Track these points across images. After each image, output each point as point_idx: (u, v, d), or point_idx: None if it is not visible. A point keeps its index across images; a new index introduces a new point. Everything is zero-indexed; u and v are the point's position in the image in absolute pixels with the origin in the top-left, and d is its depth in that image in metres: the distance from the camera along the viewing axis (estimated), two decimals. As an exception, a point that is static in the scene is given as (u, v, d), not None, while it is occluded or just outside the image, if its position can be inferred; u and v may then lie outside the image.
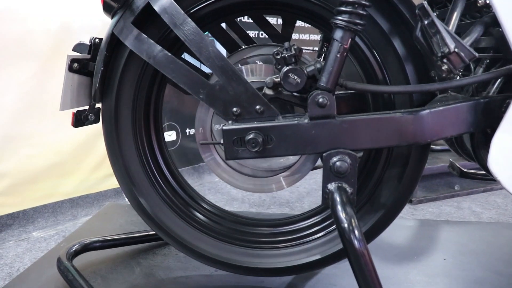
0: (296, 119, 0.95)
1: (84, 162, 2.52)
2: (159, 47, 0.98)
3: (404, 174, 1.10)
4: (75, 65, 1.11)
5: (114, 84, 1.11)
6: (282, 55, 0.96)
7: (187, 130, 3.02)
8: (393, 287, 1.33)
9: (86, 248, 1.41)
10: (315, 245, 1.19)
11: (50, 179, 2.38)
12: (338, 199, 0.92)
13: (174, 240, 1.19)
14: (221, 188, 3.03)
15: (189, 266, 1.44)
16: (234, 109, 0.97)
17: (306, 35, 3.98)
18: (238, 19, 1.33)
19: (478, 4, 0.93)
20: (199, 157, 3.18)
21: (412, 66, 1.02)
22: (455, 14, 0.89)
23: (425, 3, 0.80)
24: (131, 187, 1.17)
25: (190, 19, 0.96)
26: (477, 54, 0.82)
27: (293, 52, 0.95)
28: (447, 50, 0.79)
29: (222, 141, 0.97)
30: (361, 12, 0.87)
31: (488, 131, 1.01)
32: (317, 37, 3.73)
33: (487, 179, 1.35)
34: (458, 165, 1.46)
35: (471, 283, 1.39)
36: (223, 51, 1.20)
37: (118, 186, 1.22)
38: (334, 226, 1.17)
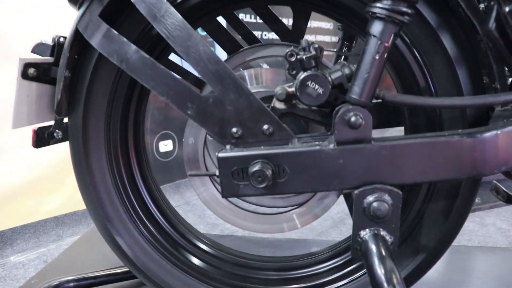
0: (317, 143, 0.71)
1: (70, 176, 2.27)
2: (133, 47, 0.74)
3: (452, 208, 0.86)
4: (32, 70, 0.87)
5: (82, 94, 0.87)
6: (298, 56, 0.72)
7: (185, 139, 2.79)
8: None
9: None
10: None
11: (31, 196, 2.14)
12: (374, 251, 0.67)
13: None
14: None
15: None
16: (234, 129, 0.72)
17: (327, 37, 3.21)
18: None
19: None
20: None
21: (466, 71, 0.78)
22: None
23: (508, -19, 0.56)
24: (104, 222, 0.93)
25: (174, 9, 0.72)
26: None
27: (313, 52, 0.70)
28: (540, 48, 0.55)
29: (217, 172, 0.73)
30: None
31: None
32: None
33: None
34: (504, 189, 1.22)
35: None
36: (222, 54, 0.96)
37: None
38: (362, 273, 0.93)
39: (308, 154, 0.69)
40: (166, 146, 2.66)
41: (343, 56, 1.13)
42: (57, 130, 0.94)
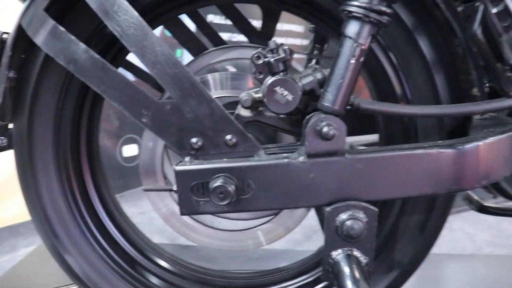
0: (285, 155, 0.64)
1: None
2: (82, 46, 0.65)
3: (428, 221, 0.81)
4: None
5: (27, 97, 0.78)
6: (266, 59, 0.65)
7: (151, 143, 2.69)
8: None
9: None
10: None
11: (-19, 204, 2.00)
12: (348, 274, 0.61)
13: None
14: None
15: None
16: (194, 140, 0.65)
17: (297, 40, 2.95)
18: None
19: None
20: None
21: (444, 77, 0.74)
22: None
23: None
24: (52, 240, 0.84)
25: (128, 4, 0.64)
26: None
27: (282, 55, 0.64)
28: (528, 55, 0.50)
29: (174, 187, 0.65)
30: (390, -3, 0.57)
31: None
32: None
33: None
34: (476, 199, 1.19)
35: None
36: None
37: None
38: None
39: (275, 168, 0.62)
40: (130, 150, 2.56)
41: (314, 59, 1.07)
42: (1, 137, 0.85)
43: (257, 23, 1.04)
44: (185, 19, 0.99)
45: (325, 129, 0.60)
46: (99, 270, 0.87)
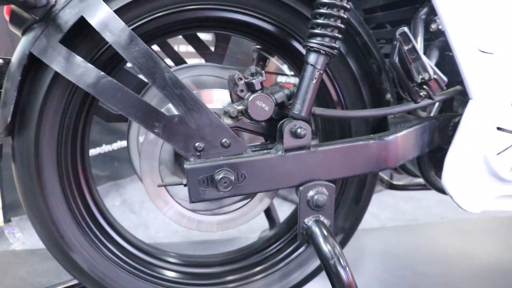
0: (267, 151, 0.87)
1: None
2: (101, 73, 0.81)
3: (361, 196, 1.09)
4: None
5: (33, 113, 0.89)
6: (247, 80, 0.87)
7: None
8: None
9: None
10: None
11: None
12: (318, 233, 0.85)
13: None
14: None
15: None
16: (197, 144, 0.84)
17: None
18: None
19: (431, 29, 0.95)
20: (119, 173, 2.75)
21: (367, 87, 1.02)
22: (419, 39, 0.89)
23: (406, 29, 0.78)
24: (59, 241, 0.96)
25: (139, 39, 0.81)
26: (446, 80, 0.83)
27: (261, 78, 0.86)
28: (428, 76, 0.78)
29: (184, 182, 0.84)
30: (337, 35, 0.82)
31: (437, 151, 1.04)
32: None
33: (416, 189, 1.42)
34: (386, 179, 1.51)
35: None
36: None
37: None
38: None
39: (261, 161, 0.85)
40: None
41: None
42: None
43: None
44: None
45: (298, 130, 0.83)
46: (99, 263, 1.01)
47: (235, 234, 2.05)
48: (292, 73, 1.76)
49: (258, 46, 1.27)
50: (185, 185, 0.84)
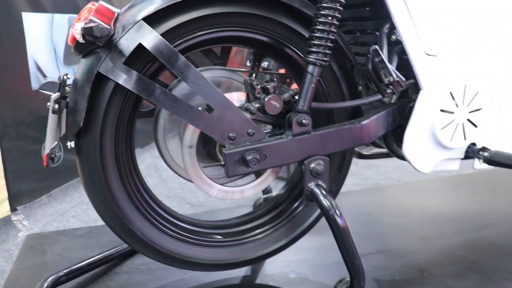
0: (280, 137, 1.19)
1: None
2: (158, 86, 1.09)
3: (343, 165, 1.43)
4: (56, 106, 1.13)
5: (99, 119, 1.14)
6: (262, 85, 1.17)
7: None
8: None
9: (55, 283, 1.40)
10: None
11: None
12: (319, 193, 1.19)
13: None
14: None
15: (157, 277, 1.55)
16: (230, 134, 1.15)
17: None
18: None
19: (392, 39, 1.28)
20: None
21: (346, 84, 1.35)
22: (384, 49, 1.23)
23: (377, 47, 1.12)
24: (123, 219, 1.22)
25: (185, 59, 1.09)
26: (404, 79, 1.17)
27: (274, 83, 1.17)
28: (392, 79, 1.12)
29: (223, 162, 1.15)
30: (328, 51, 1.14)
31: (398, 128, 1.39)
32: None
33: (380, 158, 1.78)
34: (356, 150, 1.87)
35: (378, 237, 1.84)
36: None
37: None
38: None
39: (279, 145, 1.17)
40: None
41: (254, 74, 1.61)
42: (56, 151, 1.21)
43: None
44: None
45: (303, 121, 1.16)
46: (150, 231, 1.29)
47: (222, 205, 2.37)
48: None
49: (253, 51, 1.57)
50: (222, 165, 1.15)
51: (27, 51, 2.42)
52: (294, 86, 1.63)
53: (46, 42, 2.60)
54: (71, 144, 2.69)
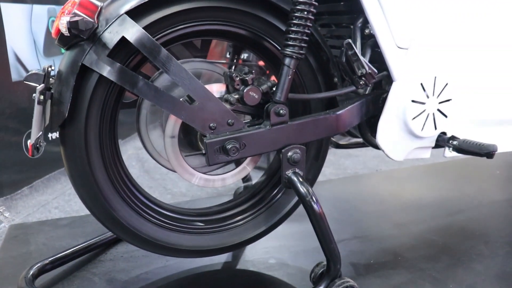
0: (258, 126, 1.23)
1: None
2: (140, 77, 1.12)
3: (319, 154, 1.49)
4: (41, 97, 1.16)
5: (83, 109, 1.17)
6: (241, 77, 1.22)
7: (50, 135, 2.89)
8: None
9: (41, 271, 1.43)
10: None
11: None
12: (296, 180, 1.25)
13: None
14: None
15: (141, 264, 1.60)
16: (211, 124, 1.19)
17: None
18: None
19: (365, 33, 1.34)
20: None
21: (322, 76, 1.40)
22: (358, 43, 1.29)
23: (350, 41, 1.17)
24: (106, 206, 1.25)
25: (167, 51, 1.13)
26: (377, 71, 1.23)
27: (252, 75, 1.22)
28: (365, 71, 1.18)
29: (203, 151, 1.19)
30: (304, 45, 1.19)
31: (372, 118, 1.46)
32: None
33: (356, 147, 1.85)
34: (334, 139, 1.94)
35: (355, 223, 1.91)
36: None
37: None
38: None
39: (257, 134, 1.22)
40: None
41: (233, 65, 1.65)
42: (41, 141, 1.23)
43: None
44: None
45: (281, 111, 1.21)
46: (134, 219, 1.33)
47: (202, 194, 2.42)
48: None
49: (233, 44, 1.61)
50: (204, 154, 1.19)
51: (6, 42, 2.41)
52: (274, 78, 1.68)
53: (25, 33, 2.59)
54: (52, 135, 2.70)
